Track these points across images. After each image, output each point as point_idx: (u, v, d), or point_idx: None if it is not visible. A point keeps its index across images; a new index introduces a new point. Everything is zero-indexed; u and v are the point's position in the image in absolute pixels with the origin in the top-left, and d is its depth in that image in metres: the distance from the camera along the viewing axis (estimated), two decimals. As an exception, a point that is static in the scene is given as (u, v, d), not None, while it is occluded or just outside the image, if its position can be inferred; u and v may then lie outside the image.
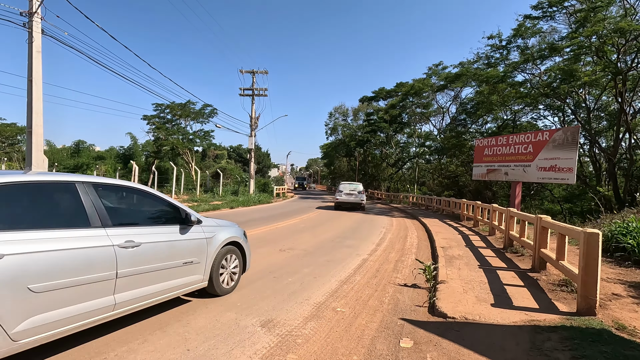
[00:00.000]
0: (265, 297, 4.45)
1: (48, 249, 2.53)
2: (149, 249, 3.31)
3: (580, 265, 3.80)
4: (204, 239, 4.03)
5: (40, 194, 2.79)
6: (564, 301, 4.28)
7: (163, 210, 3.80)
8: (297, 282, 5.17)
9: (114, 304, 2.97)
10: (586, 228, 3.82)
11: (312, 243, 8.68)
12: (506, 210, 8.22)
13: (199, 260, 3.93)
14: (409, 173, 46.17)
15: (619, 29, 14.37)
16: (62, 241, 2.64)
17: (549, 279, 5.26)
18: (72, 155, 51.31)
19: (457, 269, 5.94)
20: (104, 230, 2.98)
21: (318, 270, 5.97)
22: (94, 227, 2.93)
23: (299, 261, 6.59)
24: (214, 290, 4.22)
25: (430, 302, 4.34)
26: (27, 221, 2.60)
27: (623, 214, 10.51)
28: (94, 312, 2.82)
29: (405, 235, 10.87)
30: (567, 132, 13.50)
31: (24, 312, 2.37)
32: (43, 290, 2.47)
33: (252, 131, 30.98)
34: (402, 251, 8.06)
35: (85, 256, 2.76)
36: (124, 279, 3.05)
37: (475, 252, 7.52)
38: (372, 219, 15.77)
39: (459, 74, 26.75)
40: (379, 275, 5.78)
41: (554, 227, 5.10)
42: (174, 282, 3.63)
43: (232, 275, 4.55)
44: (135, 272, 3.15)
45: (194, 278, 3.90)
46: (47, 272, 2.50)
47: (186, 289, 3.83)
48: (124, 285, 3.06)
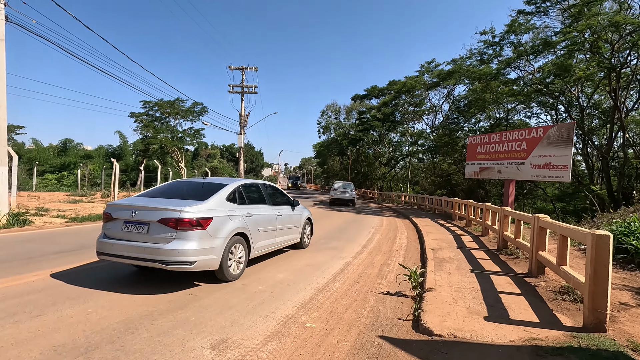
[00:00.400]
0: (226, 309, 3.84)
1: (260, 213, 5.61)
2: (285, 216, 6.49)
3: (587, 273, 3.26)
4: (299, 215, 7.20)
5: (253, 188, 5.96)
6: (568, 313, 3.74)
7: (285, 197, 6.95)
8: (267, 291, 4.57)
9: (275, 243, 6.16)
10: (594, 230, 3.28)
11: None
12: (500, 209, 7.71)
13: (297, 226, 7.08)
14: (402, 172, 45.82)
15: (614, 22, 14.00)
16: (263, 209, 5.74)
17: (548, 285, 4.73)
18: (59, 154, 49.97)
19: (447, 273, 5.39)
20: (271, 207, 6.12)
21: (294, 276, 5.38)
22: (268, 204, 6.05)
23: (274, 266, 5.99)
24: (301, 245, 7.40)
25: (415, 314, 3.77)
26: (255, 201, 5.72)
27: (621, 212, 10.09)
28: (270, 245, 6.00)
29: (394, 235, 10.33)
30: (562, 128, 13.08)
31: (256, 239, 5.43)
32: (261, 231, 5.57)
33: (241, 129, 30.24)
34: (390, 253, 7.50)
35: (269, 217, 5.89)
36: (277, 231, 6.17)
37: (467, 254, 6.99)
38: (362, 218, 15.22)
39: (452, 71, 26.35)
40: (361, 282, 5.20)
41: (554, 228, 4.57)
42: (288, 237, 6.70)
43: (308, 237, 7.77)
44: (280, 228, 6.27)
45: (294, 237, 7.00)
46: (261, 222, 5.58)
47: (291, 242, 6.94)
48: (277, 233, 6.19)
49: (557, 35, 17.22)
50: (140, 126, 42.16)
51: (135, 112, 42.09)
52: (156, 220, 4.28)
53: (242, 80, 30.52)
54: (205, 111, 44.62)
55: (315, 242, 8.45)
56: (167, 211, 4.29)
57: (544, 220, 5.04)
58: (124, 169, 44.92)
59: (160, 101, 40.39)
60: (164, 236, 4.24)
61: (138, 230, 4.36)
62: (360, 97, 42.59)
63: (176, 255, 4.17)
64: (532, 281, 4.97)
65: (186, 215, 4.26)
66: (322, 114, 52.38)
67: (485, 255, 7.01)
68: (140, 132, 42.16)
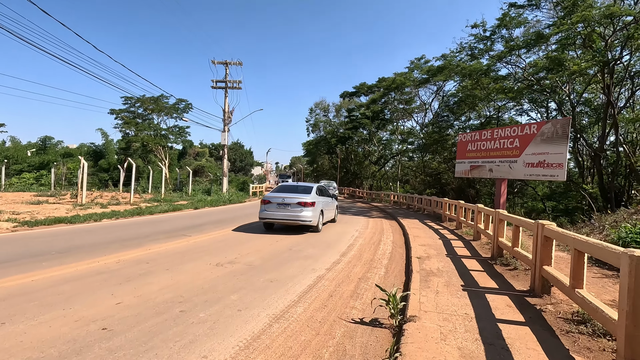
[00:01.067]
0: (141, 352, 2.86)
1: (325, 201, 11.08)
2: (331, 203, 11.96)
3: (624, 308, 2.37)
4: (335, 203, 13.09)
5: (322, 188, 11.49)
6: (589, 355, 2.85)
7: (330, 193, 12.47)
8: (208, 321, 3.60)
9: (327, 217, 11.52)
10: (633, 251, 2.38)
11: (264, 253, 7.12)
12: (495, 212, 6.86)
13: (333, 209, 12.52)
14: (392, 171, 45.12)
15: (610, 13, 13.33)
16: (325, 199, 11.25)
17: (557, 309, 3.85)
18: (38, 152, 47.90)
19: (434, 292, 4.50)
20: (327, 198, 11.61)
21: (250, 296, 4.42)
22: (327, 197, 11.61)
23: (231, 282, 5.02)
24: (334, 221, 12.98)
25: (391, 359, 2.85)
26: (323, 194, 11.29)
27: (621, 214, 9.38)
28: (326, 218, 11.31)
29: (378, 240, 9.43)
30: (557, 124, 12.36)
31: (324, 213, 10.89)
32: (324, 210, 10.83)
33: (225, 126, 29.06)
34: (371, 263, 6.58)
35: (327, 203, 11.34)
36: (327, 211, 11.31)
37: (457, 265, 6.12)
38: (347, 220, 14.31)
39: (442, 67, 25.61)
40: (331, 304, 4.27)
41: (565, 240, 3.70)
42: (331, 214, 12.22)
43: (335, 217, 13.07)
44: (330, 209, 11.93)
45: (333, 215, 12.48)
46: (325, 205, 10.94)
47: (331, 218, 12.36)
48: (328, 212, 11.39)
49: (550, 27, 16.54)
50: (121, 123, 40.52)
51: (116, 109, 40.46)
52: (295, 202, 9.56)
53: (226, 75, 29.35)
54: (190, 108, 43.20)
55: (289, 249, 7.50)
56: (299, 199, 9.59)
57: (550, 228, 4.16)
58: (106, 168, 43.31)
59: (143, 97, 38.85)
60: (298, 209, 9.52)
61: (286, 207, 9.61)
62: (349, 95, 41.68)
63: (303, 218, 9.50)
64: (537, 303, 4.10)
65: (307, 200, 9.62)
66: (311, 112, 51.35)
67: (478, 265, 6.15)
68: (120, 130, 40.47)
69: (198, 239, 8.49)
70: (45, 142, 51.27)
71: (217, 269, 5.74)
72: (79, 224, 10.76)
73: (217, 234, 9.49)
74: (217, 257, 6.61)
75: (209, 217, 13.52)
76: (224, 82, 29.17)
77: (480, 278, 5.28)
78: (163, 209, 15.30)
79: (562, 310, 3.78)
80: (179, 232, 9.57)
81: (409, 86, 32.35)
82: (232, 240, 8.58)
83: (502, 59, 20.03)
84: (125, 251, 6.82)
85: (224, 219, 12.95)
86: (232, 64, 29.18)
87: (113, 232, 9.31)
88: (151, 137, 40.61)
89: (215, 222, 12.10)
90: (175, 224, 11.30)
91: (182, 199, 21.39)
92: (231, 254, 6.86)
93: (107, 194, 23.13)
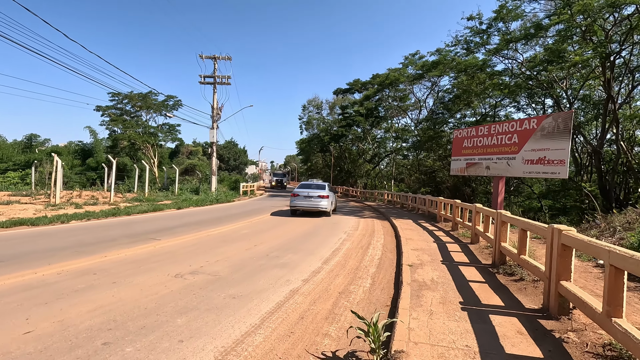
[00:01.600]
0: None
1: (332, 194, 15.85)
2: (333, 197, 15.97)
3: None
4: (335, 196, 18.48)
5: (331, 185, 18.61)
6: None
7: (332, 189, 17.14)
8: (132, 359, 2.75)
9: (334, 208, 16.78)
10: None
11: (236, 260, 6.27)
12: (496, 213, 6.06)
13: (334, 201, 16.51)
14: (386, 169, 44.39)
15: (612, 2, 12.63)
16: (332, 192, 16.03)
17: (583, 339, 3.05)
18: (24, 150, 46.48)
19: (427, 313, 3.68)
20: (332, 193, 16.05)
21: (201, 320, 3.57)
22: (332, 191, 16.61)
23: (185, 299, 4.17)
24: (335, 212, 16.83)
25: None
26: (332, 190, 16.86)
27: (628, 214, 8.67)
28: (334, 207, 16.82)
29: (368, 243, 8.61)
30: (558, 118, 11.64)
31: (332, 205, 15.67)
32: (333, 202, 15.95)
33: (213, 122, 28.07)
34: (356, 272, 5.76)
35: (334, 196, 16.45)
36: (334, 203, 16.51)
37: (455, 274, 5.32)
38: (338, 220, 13.50)
39: (437, 62, 24.86)
40: (299, 330, 3.43)
41: (596, 252, 2.90)
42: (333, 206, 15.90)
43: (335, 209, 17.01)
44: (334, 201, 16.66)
45: (333, 207, 15.84)
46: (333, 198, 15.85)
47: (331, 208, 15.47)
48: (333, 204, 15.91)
49: (550, 18, 15.83)
50: (107, 120, 39.32)
51: (102, 106, 39.24)
52: (316, 195, 14.25)
53: (215, 70, 28.32)
54: (180, 105, 42.16)
55: (266, 256, 6.65)
56: (319, 193, 14.36)
57: (569, 235, 3.35)
58: (94, 167, 42.14)
59: (131, 93, 37.72)
60: (319, 200, 14.16)
61: (310, 199, 14.22)
62: (343, 91, 40.82)
63: (322, 206, 14.17)
64: (555, 328, 3.30)
65: (323, 193, 14.38)
66: (304, 109, 50.45)
67: (478, 274, 5.36)
68: (107, 127, 39.26)
69: (167, 244, 7.61)
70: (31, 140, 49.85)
71: (174, 281, 4.89)
72: (42, 226, 9.82)
73: (191, 237, 8.61)
74: (180, 265, 5.74)
75: (189, 218, 12.62)
76: (212, 77, 28.20)
77: (481, 292, 4.48)
78: (142, 209, 14.36)
79: (590, 342, 2.97)
80: (149, 235, 8.67)
81: (403, 82, 31.58)
82: (205, 244, 7.71)
83: (499, 51, 19.31)
84: (75, 259, 5.92)
85: (204, 220, 12.07)
86: (221, 58, 28.20)
87: (75, 235, 8.39)
88: (139, 134, 39.45)
89: (194, 223, 11.21)
90: (149, 225, 10.40)
91: (167, 199, 20.44)
92: (197, 262, 6.00)
93: (87, 193, 22.09)
